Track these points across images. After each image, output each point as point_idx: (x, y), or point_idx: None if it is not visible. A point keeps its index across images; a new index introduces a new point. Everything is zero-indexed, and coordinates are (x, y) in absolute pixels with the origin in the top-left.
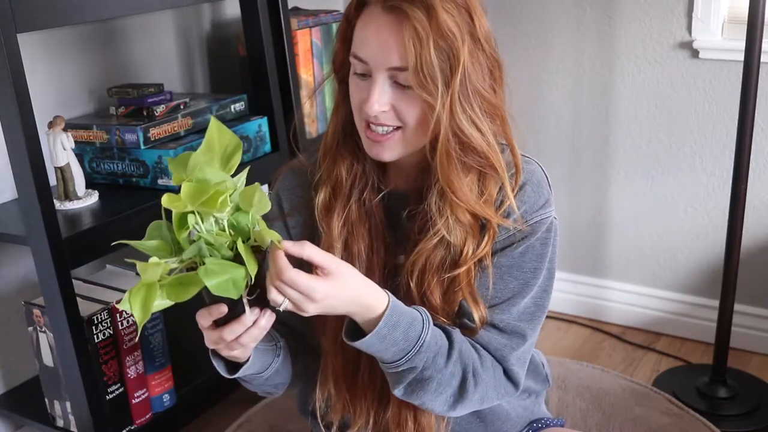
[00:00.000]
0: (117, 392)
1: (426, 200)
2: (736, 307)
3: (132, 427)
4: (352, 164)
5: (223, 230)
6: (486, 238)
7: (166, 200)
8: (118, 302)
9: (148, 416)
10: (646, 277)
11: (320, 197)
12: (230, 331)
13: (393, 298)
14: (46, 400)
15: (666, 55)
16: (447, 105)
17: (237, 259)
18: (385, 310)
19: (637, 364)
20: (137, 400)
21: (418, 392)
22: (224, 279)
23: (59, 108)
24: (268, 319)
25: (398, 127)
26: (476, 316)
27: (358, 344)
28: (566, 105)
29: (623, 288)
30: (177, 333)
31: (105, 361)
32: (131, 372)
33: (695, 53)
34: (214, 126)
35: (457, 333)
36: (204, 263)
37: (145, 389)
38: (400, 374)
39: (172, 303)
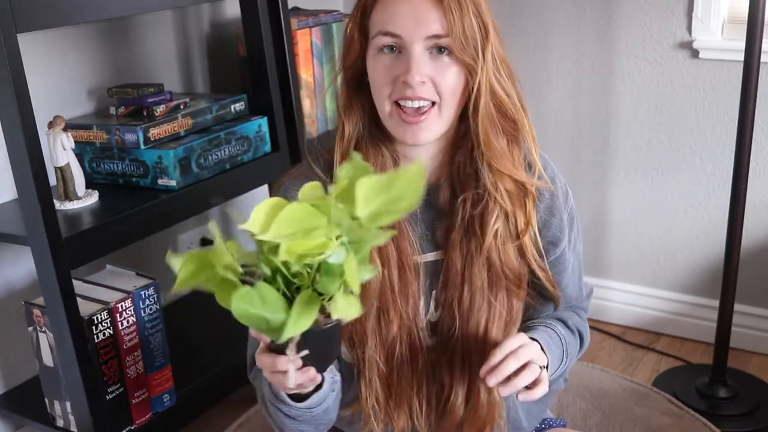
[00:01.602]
0: (117, 392)
1: (480, 180)
2: (736, 307)
3: (132, 427)
4: (376, 161)
5: (308, 272)
6: (529, 204)
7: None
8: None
9: (148, 416)
10: (646, 277)
11: None
12: (269, 361)
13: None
14: (46, 400)
15: (666, 55)
16: (485, 69)
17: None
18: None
19: (637, 364)
20: (137, 400)
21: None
22: (255, 313)
23: (59, 108)
24: (301, 377)
25: (433, 103)
26: (551, 290)
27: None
28: (566, 105)
29: (623, 288)
30: (177, 333)
31: (105, 361)
32: (131, 372)
33: (695, 53)
34: (416, 173)
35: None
36: (256, 283)
37: (145, 389)
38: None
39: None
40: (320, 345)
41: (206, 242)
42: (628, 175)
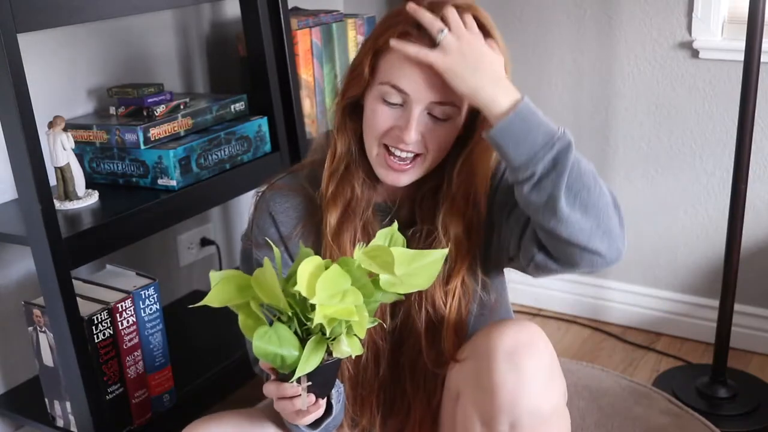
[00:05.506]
0: (117, 392)
1: (435, 219)
2: (736, 307)
3: (132, 427)
4: (363, 183)
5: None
6: (472, 243)
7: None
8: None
9: (148, 416)
10: (646, 277)
11: (330, 219)
12: (276, 388)
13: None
14: (46, 400)
15: (666, 55)
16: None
17: (304, 343)
18: (521, 99)
19: (637, 364)
20: (137, 400)
21: (581, 191)
22: (272, 351)
23: (59, 108)
24: (303, 403)
25: (419, 154)
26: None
27: (505, 123)
28: (566, 105)
29: (623, 288)
30: (177, 333)
31: (105, 361)
32: (131, 372)
33: (695, 53)
34: (437, 259)
35: None
36: (274, 322)
37: (145, 389)
38: (558, 163)
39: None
40: (322, 377)
41: (206, 242)
42: (628, 175)
